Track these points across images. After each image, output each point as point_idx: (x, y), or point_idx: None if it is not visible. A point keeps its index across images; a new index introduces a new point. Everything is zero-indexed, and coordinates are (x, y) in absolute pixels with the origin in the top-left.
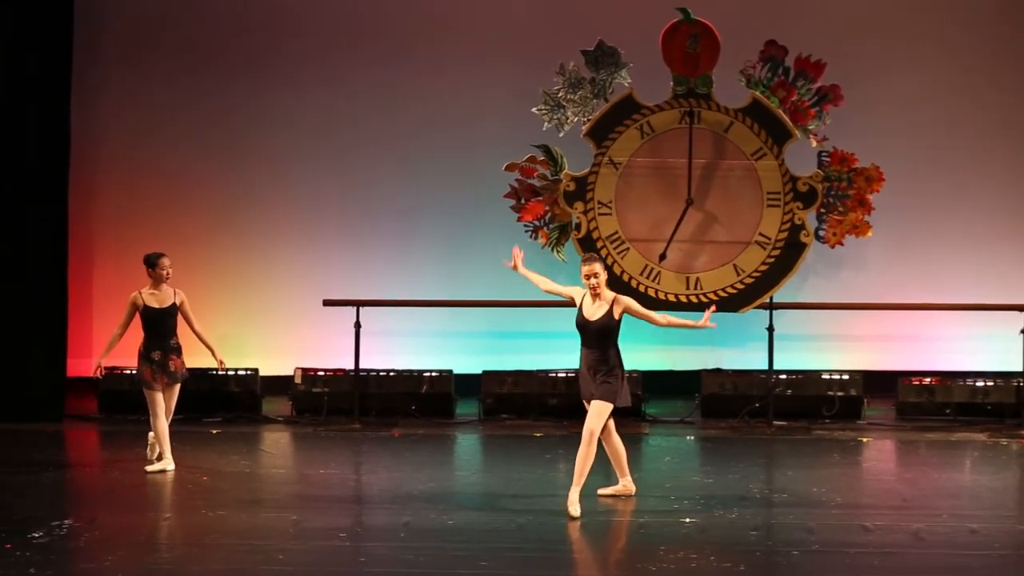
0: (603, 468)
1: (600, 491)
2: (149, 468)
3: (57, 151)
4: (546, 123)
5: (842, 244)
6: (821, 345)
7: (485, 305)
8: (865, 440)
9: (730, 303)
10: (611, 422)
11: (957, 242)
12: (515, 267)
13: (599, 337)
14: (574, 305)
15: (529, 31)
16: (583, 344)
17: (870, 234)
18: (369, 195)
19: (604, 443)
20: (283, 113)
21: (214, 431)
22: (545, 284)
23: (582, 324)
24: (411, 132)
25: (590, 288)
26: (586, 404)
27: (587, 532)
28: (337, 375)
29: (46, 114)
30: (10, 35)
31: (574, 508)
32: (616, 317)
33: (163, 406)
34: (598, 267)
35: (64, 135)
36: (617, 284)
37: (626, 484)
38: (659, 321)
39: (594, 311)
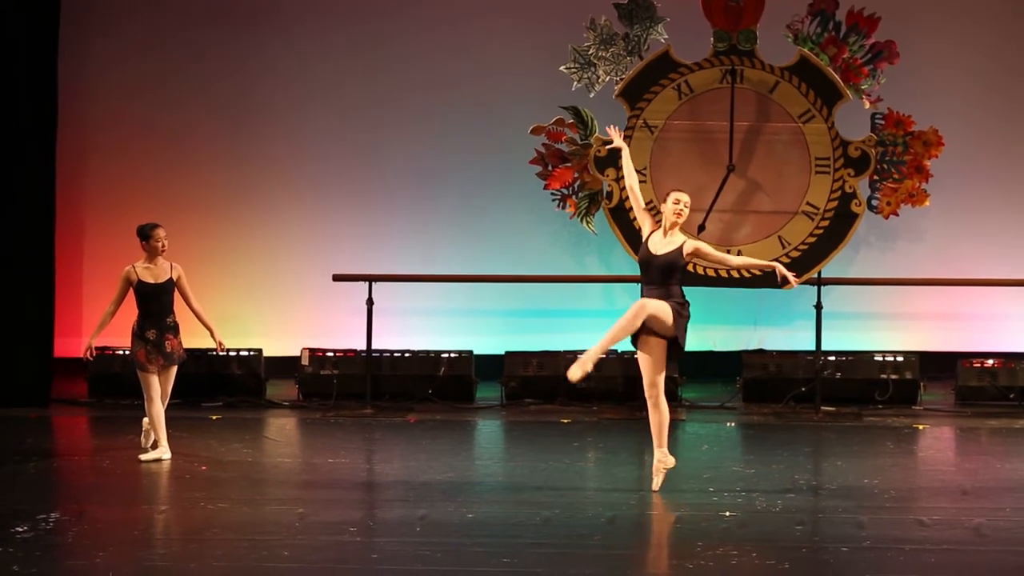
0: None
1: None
2: (143, 457)
3: (44, 114)
4: (575, 83)
5: (897, 214)
6: (873, 324)
7: (508, 280)
8: (921, 427)
9: (774, 278)
10: (662, 379)
11: (1023, 212)
12: (615, 144)
13: (662, 273)
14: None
15: None
16: (644, 281)
17: (928, 203)
18: (382, 160)
19: (649, 406)
20: (285, 70)
21: (214, 417)
22: (631, 180)
23: (646, 259)
24: (427, 90)
25: (674, 215)
26: (641, 340)
27: (618, 527)
28: (348, 356)
29: (32, 74)
30: None
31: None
32: (684, 255)
33: (159, 390)
34: (687, 197)
35: (51, 97)
36: None
37: (661, 457)
38: (732, 263)
39: (662, 245)
